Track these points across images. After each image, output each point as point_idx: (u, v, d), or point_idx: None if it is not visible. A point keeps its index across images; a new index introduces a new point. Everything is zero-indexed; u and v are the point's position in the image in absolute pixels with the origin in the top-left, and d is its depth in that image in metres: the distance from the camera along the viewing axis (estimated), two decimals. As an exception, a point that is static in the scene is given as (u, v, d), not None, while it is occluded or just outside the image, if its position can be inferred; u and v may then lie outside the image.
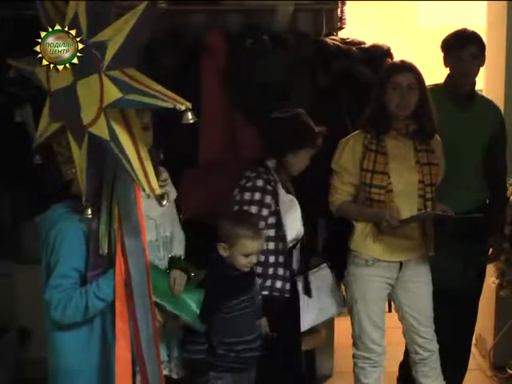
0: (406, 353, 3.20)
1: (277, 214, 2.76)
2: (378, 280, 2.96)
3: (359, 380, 3.03)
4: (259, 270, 2.72)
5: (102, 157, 1.98)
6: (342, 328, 3.68)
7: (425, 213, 2.85)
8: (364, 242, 2.94)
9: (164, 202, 1.88)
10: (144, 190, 1.87)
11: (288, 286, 2.79)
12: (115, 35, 1.83)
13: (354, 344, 3.04)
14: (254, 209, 2.72)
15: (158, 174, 2.52)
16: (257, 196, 2.73)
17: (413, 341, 3.04)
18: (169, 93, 1.81)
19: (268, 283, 2.75)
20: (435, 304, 3.03)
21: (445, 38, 3.22)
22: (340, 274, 3.01)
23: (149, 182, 1.87)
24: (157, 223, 2.51)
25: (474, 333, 3.63)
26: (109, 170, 2.05)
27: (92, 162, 1.95)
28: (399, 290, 3.01)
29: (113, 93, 1.84)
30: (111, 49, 1.83)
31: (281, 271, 2.78)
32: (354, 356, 3.05)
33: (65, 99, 1.94)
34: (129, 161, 1.86)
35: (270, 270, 2.76)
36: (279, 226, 2.76)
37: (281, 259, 2.78)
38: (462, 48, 3.11)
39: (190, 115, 1.77)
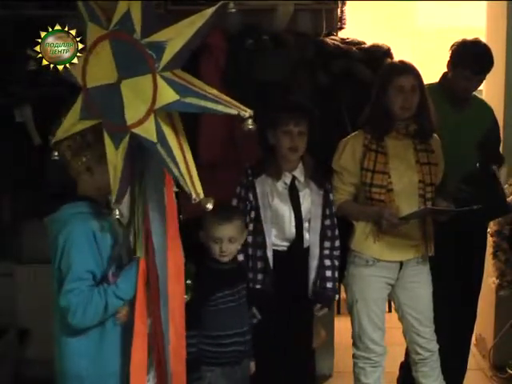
0: (407, 353, 3.20)
1: (256, 208, 2.83)
2: (378, 280, 2.96)
3: (359, 380, 3.03)
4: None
5: (135, 157, 1.96)
6: (342, 328, 3.68)
7: (424, 209, 2.84)
8: (364, 242, 2.94)
9: (209, 206, 1.87)
10: (190, 194, 1.85)
11: (268, 279, 2.82)
12: (176, 36, 1.79)
13: (354, 344, 3.04)
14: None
15: None
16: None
17: (413, 341, 3.04)
18: (225, 97, 1.79)
19: (250, 275, 2.82)
20: (435, 304, 3.03)
21: (455, 46, 3.19)
22: (340, 274, 3.01)
23: (194, 185, 1.86)
24: None
25: (474, 333, 3.63)
26: (137, 170, 2.02)
27: (128, 162, 1.93)
28: (399, 289, 3.01)
29: (168, 95, 1.80)
30: (170, 50, 1.79)
31: (260, 264, 2.83)
32: (354, 356, 3.05)
33: (105, 97, 1.90)
34: (176, 164, 1.84)
35: (250, 263, 2.84)
36: (258, 220, 2.83)
37: (259, 253, 2.83)
38: (469, 69, 3.10)
39: (250, 122, 1.77)
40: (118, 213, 1.97)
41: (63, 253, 2.08)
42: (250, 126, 1.77)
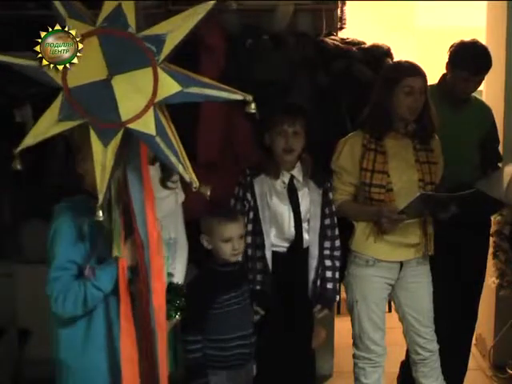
0: (408, 353, 3.20)
1: (255, 208, 2.82)
2: (379, 280, 2.96)
3: (359, 380, 3.03)
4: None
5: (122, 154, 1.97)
6: (342, 328, 3.68)
7: (420, 195, 2.81)
8: (365, 242, 2.94)
9: (208, 193, 1.95)
10: (191, 182, 1.91)
11: (268, 280, 2.82)
12: (176, 29, 1.83)
13: (354, 344, 3.04)
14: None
15: (169, 175, 2.53)
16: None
17: (413, 341, 3.04)
18: (223, 85, 1.86)
19: (250, 276, 2.82)
20: (435, 304, 3.03)
21: (454, 47, 3.19)
22: (340, 274, 3.01)
23: (191, 173, 1.91)
24: (161, 225, 2.51)
25: (474, 333, 3.63)
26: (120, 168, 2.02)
27: (117, 160, 1.93)
28: (399, 290, 3.01)
29: (171, 86, 1.84)
30: (170, 42, 1.83)
31: (259, 265, 2.83)
32: (354, 356, 3.05)
33: (93, 95, 1.89)
34: (176, 153, 1.88)
35: (249, 264, 2.83)
36: (257, 220, 2.82)
37: (258, 254, 2.83)
38: (467, 70, 3.10)
39: (253, 105, 1.86)
40: (101, 214, 1.96)
41: (52, 243, 2.13)
42: (253, 110, 1.85)
